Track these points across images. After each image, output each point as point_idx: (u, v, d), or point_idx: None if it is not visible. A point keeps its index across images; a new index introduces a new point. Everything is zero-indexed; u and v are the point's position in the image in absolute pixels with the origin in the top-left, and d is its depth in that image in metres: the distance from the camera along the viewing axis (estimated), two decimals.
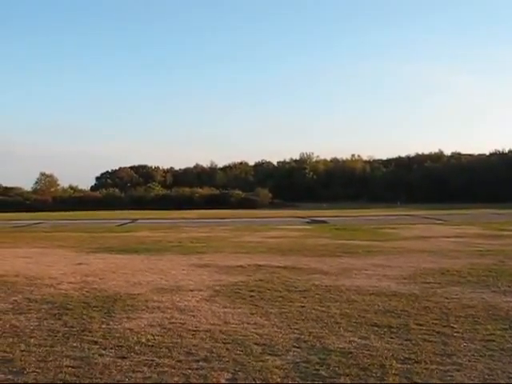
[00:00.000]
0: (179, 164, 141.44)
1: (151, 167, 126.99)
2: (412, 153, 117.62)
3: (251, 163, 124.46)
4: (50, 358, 6.73)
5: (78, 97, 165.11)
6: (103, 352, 6.97)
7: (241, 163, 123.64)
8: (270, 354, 6.82)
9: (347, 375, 6.00)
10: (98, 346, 7.22)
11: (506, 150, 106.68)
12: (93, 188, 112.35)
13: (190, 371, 6.20)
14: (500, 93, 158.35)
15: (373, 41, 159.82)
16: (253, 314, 9.15)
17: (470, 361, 6.50)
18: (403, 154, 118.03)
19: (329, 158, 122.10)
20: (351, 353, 6.82)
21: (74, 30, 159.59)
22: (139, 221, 45.02)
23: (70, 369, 6.32)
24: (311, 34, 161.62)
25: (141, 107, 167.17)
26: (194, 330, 8.06)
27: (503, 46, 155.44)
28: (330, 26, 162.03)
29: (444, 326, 8.12)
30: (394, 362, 6.45)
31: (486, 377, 5.94)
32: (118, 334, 7.84)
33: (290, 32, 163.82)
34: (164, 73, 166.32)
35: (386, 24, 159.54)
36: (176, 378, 5.98)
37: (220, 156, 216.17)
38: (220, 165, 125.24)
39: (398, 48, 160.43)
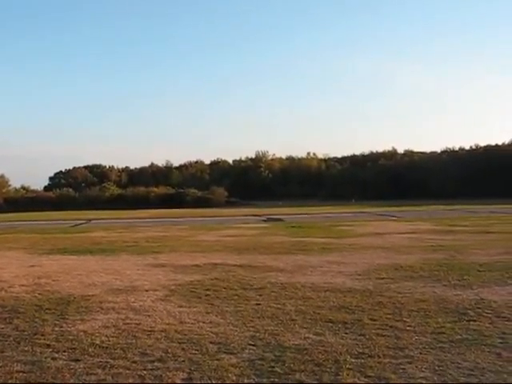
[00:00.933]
0: (134, 163, 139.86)
1: (106, 167, 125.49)
2: (366, 151, 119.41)
3: (207, 162, 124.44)
4: (0, 364, 6.58)
5: (29, 95, 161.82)
6: (56, 355, 6.84)
7: (196, 162, 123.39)
8: (225, 353, 6.83)
9: (302, 371, 6.05)
10: (50, 350, 7.09)
11: (457, 148, 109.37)
12: (46, 188, 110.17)
13: (144, 372, 6.16)
14: (450, 91, 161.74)
15: (327, 37, 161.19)
16: (208, 312, 9.14)
17: (421, 353, 6.64)
18: (358, 152, 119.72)
19: (284, 157, 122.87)
20: (306, 349, 6.88)
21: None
22: (94, 221, 44.40)
23: (20, 374, 6.18)
24: (268, 30, 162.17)
25: (95, 106, 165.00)
26: (149, 331, 8.00)
27: (454, 41, 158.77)
28: (286, 23, 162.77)
29: (397, 321, 8.27)
30: (349, 356, 6.54)
31: (436, 368, 6.08)
32: (71, 337, 7.71)
33: (249, 32, 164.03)
34: (118, 71, 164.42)
35: (342, 20, 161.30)
36: (131, 380, 5.93)
37: (176, 155, 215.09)
38: (176, 164, 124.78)
39: (351, 45, 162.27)
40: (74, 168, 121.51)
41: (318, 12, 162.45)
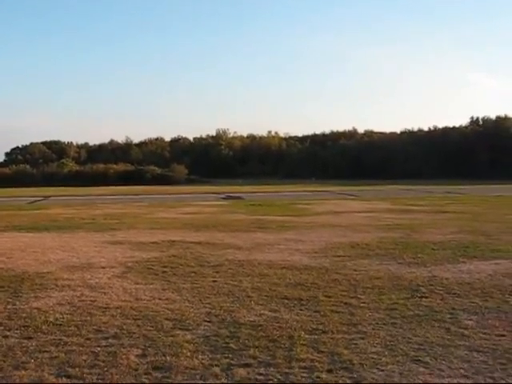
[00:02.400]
0: (93, 140, 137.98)
1: (64, 143, 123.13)
2: (327, 130, 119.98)
3: (167, 139, 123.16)
4: None
5: None
6: (7, 333, 6.76)
7: (156, 139, 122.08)
8: (180, 329, 6.85)
9: (256, 347, 6.12)
10: (2, 328, 7.00)
11: (416, 129, 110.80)
12: (2, 164, 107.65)
13: (98, 349, 6.13)
14: (410, 71, 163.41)
15: (287, 14, 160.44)
16: (165, 289, 9.13)
17: (373, 329, 6.78)
18: (318, 131, 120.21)
19: (245, 135, 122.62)
20: (261, 325, 6.95)
21: None
22: (51, 198, 43.64)
23: None
24: (229, 9, 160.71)
25: (54, 80, 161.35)
26: (105, 308, 7.96)
27: (416, 21, 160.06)
28: (246, 2, 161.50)
29: (351, 297, 8.41)
30: (303, 332, 6.63)
31: (388, 343, 6.22)
32: (24, 314, 7.62)
33: (215, 10, 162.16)
34: (78, 45, 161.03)
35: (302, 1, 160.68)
36: (84, 357, 5.90)
37: (135, 132, 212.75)
38: (135, 140, 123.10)
39: (310, 21, 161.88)
40: (32, 144, 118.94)
41: None
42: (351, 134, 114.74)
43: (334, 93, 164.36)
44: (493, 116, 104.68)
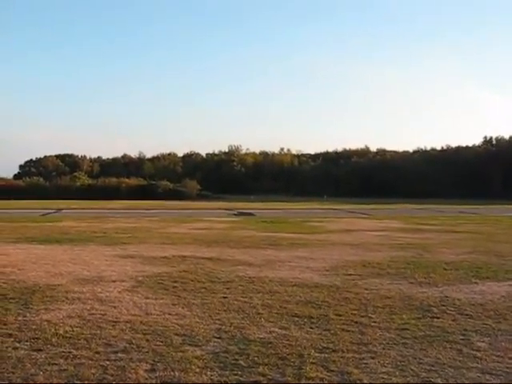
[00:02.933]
0: (107, 154, 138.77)
1: (77, 156, 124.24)
2: (339, 148, 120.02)
3: (180, 154, 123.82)
4: None
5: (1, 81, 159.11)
6: (17, 345, 6.75)
7: (169, 154, 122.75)
8: (190, 345, 6.81)
9: (266, 364, 6.07)
10: (12, 339, 6.99)
11: (428, 148, 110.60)
12: (16, 177, 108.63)
13: (107, 362, 6.11)
14: (423, 90, 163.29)
15: (304, 36, 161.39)
16: (175, 304, 9.11)
17: (384, 349, 6.71)
18: (331, 149, 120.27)
19: (258, 152, 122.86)
20: (271, 343, 6.90)
21: None
22: (64, 211, 43.91)
23: None
24: (248, 27, 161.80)
25: (68, 94, 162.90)
26: (114, 321, 7.94)
27: (427, 39, 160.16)
28: (259, 20, 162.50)
29: (362, 316, 8.34)
30: (313, 351, 6.58)
31: (398, 363, 6.15)
32: (34, 326, 7.62)
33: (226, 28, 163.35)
34: (94, 59, 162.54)
35: (316, 19, 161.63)
36: (93, 370, 5.87)
37: (148, 146, 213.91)
38: (148, 155, 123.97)
39: (328, 44, 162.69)
40: (45, 157, 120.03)
41: (295, 8, 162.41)
42: (363, 152, 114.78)
43: (346, 111, 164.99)
44: (506, 136, 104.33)
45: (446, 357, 6.43)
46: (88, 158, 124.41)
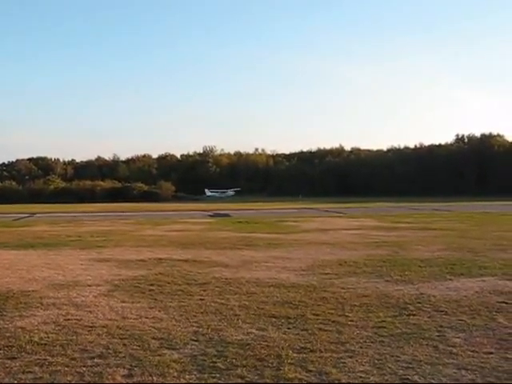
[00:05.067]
0: (80, 156, 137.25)
1: (51, 159, 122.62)
2: (314, 147, 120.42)
3: (154, 156, 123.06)
4: None
5: None
6: None
7: (144, 156, 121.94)
8: (167, 348, 6.77)
9: (244, 366, 6.06)
10: None
11: (402, 146, 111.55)
12: None
13: (84, 369, 6.04)
14: (396, 88, 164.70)
15: (279, 37, 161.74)
16: (151, 308, 9.05)
17: (361, 347, 6.74)
18: (306, 149, 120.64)
19: (232, 152, 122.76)
20: (249, 344, 6.89)
21: None
22: (37, 215, 43.37)
23: None
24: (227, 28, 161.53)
25: (40, 96, 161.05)
26: (91, 326, 7.86)
27: (400, 39, 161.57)
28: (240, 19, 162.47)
29: (339, 315, 8.37)
30: (291, 351, 6.58)
31: (376, 362, 6.18)
32: (8, 334, 7.50)
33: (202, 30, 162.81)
34: (65, 62, 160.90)
35: (291, 17, 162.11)
36: (69, 377, 5.80)
37: (122, 149, 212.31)
38: (123, 157, 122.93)
39: (302, 42, 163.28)
40: (18, 160, 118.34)
41: (266, 11, 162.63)
42: (338, 152, 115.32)
43: (321, 111, 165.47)
44: (478, 134, 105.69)
45: (423, 354, 6.48)
46: (61, 160, 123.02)
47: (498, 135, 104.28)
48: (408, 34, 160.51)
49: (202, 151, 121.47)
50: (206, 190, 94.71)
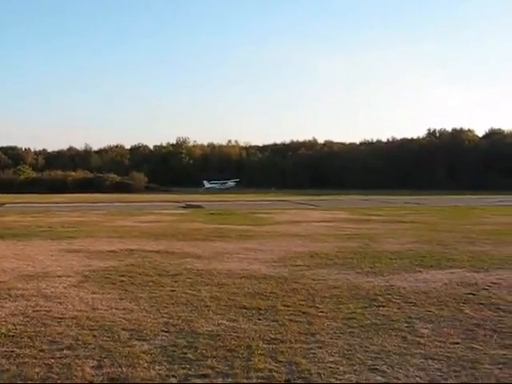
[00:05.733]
0: (52, 146, 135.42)
1: (21, 149, 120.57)
2: (287, 140, 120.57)
3: (127, 147, 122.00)
4: None
5: None
6: None
7: (116, 146, 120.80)
8: (137, 339, 6.75)
9: (214, 357, 6.07)
10: None
11: (374, 140, 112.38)
12: None
13: (52, 360, 5.99)
14: (369, 83, 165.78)
15: (253, 27, 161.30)
16: (122, 299, 9.01)
17: (331, 338, 6.80)
18: (279, 141, 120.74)
19: (206, 143, 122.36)
20: (219, 335, 6.91)
21: None
22: (7, 205, 42.67)
23: None
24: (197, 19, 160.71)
25: (11, 85, 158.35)
26: (60, 318, 7.79)
27: (373, 33, 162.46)
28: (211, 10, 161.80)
29: (310, 307, 8.43)
30: (261, 342, 6.61)
31: (345, 352, 6.25)
32: None
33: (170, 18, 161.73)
34: (33, 53, 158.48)
35: (263, 11, 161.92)
36: (37, 369, 5.75)
37: (95, 139, 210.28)
38: (95, 148, 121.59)
39: (275, 34, 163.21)
40: None
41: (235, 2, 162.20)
42: (311, 144, 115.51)
43: (294, 103, 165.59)
44: (449, 128, 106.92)
45: (391, 344, 6.57)
46: (32, 150, 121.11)
47: (469, 130, 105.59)
48: (381, 26, 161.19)
49: (175, 142, 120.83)
50: (205, 182, 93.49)
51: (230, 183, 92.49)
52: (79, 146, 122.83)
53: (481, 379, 5.52)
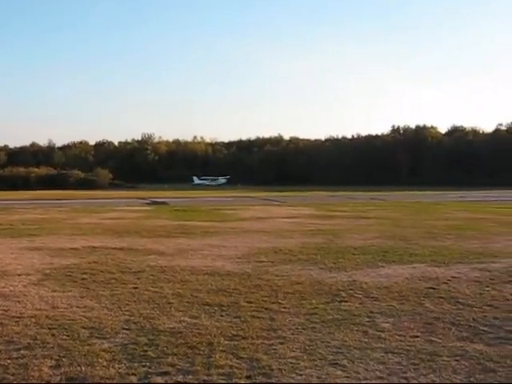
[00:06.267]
0: (14, 142, 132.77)
1: None
2: (253, 136, 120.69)
3: (91, 143, 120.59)
4: None
5: None
6: None
7: (80, 143, 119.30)
8: (97, 338, 6.67)
9: (175, 355, 6.03)
10: None
11: (340, 136, 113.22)
12: None
13: (9, 361, 5.87)
14: (336, 80, 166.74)
15: (220, 25, 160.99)
16: (83, 297, 8.89)
17: (293, 334, 6.82)
18: (245, 137, 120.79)
19: (171, 140, 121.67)
20: (181, 332, 6.87)
21: None
22: None
23: None
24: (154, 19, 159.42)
25: None
26: (18, 317, 7.65)
27: (337, 29, 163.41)
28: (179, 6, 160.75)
29: (272, 303, 8.44)
30: (222, 339, 6.59)
31: (307, 348, 6.27)
32: None
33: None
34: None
35: (231, 9, 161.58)
36: None
37: (59, 135, 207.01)
38: (59, 144, 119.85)
39: (241, 31, 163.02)
40: None
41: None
42: (277, 141, 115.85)
43: (260, 100, 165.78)
44: (413, 125, 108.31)
45: (353, 339, 6.62)
46: None
47: (432, 127, 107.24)
48: (343, 22, 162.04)
49: (140, 138, 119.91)
50: (194, 178, 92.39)
51: (222, 180, 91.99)
52: (42, 142, 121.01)
53: (438, 371, 5.60)
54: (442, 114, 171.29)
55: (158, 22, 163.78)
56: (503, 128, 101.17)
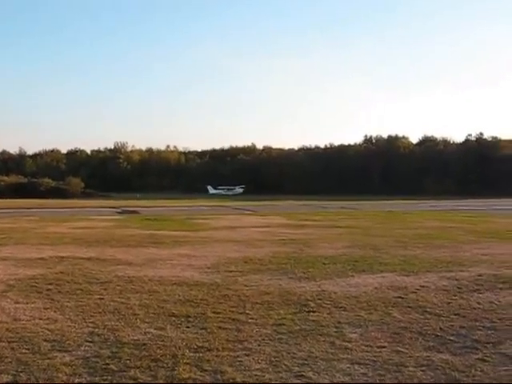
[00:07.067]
0: None
1: None
2: (226, 145, 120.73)
3: (63, 151, 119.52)
4: None
5: None
6: None
7: (52, 151, 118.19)
8: (59, 351, 6.50)
9: (138, 368, 5.90)
10: None
11: (313, 146, 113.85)
12: None
13: None
14: (309, 88, 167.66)
15: (192, 32, 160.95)
16: (47, 308, 8.69)
17: (259, 345, 6.73)
18: (218, 147, 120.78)
19: (144, 148, 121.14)
20: (145, 344, 6.73)
21: None
22: None
23: None
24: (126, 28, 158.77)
25: None
26: None
27: (313, 36, 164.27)
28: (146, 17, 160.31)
29: (240, 313, 8.34)
30: (187, 351, 6.48)
31: (272, 359, 6.19)
32: None
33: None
34: None
35: (204, 15, 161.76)
36: None
37: (30, 143, 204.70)
38: (30, 152, 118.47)
39: (212, 38, 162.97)
40: None
41: (183, 4, 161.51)
42: (250, 150, 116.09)
43: (233, 108, 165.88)
44: (385, 135, 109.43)
45: (319, 350, 6.56)
46: None
47: (404, 137, 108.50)
48: (319, 30, 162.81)
49: (113, 147, 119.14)
50: (209, 187, 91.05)
51: (238, 189, 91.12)
52: (13, 150, 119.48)
53: (404, 382, 5.55)
54: (413, 124, 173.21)
55: (125, 27, 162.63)
56: (472, 138, 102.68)
